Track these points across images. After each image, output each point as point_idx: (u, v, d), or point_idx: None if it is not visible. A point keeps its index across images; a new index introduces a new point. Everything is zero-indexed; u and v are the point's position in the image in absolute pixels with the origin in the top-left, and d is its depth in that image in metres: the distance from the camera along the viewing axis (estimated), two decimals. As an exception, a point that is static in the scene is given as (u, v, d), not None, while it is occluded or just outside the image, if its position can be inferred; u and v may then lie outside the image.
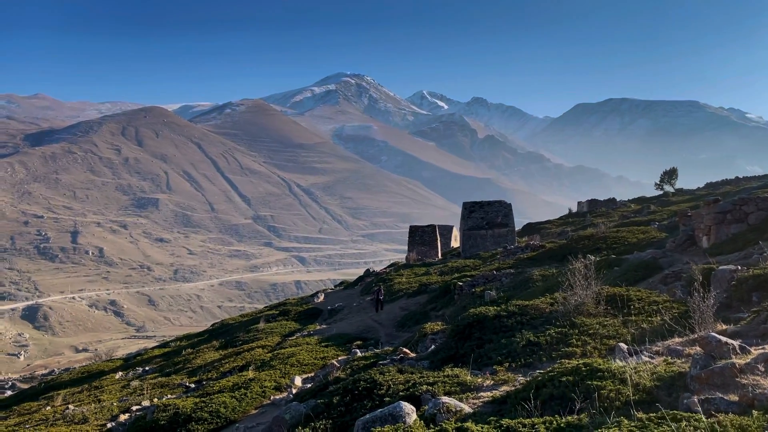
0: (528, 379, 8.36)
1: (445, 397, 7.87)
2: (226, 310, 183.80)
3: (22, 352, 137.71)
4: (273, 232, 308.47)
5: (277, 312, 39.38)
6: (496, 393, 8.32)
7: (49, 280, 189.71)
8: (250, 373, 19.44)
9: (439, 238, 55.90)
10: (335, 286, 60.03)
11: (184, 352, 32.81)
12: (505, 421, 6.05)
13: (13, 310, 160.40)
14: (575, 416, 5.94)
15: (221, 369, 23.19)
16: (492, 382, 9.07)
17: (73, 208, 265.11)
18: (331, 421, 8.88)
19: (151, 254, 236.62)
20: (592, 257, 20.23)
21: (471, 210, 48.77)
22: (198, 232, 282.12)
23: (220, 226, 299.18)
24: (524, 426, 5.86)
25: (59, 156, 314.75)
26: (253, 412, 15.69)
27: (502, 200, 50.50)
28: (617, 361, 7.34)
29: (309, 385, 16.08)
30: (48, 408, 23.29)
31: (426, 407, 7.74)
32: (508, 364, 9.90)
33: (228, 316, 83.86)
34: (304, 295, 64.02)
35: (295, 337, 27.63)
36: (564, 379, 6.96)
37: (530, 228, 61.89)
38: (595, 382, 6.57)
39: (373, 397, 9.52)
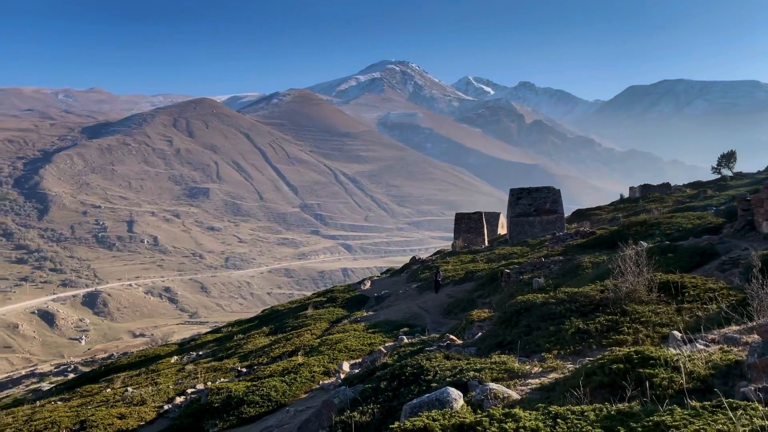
0: (577, 366, 8.24)
1: (493, 384, 7.85)
2: (275, 296, 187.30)
3: (83, 336, 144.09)
4: (320, 220, 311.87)
5: (325, 299, 39.90)
6: (545, 380, 8.25)
7: (107, 267, 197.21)
8: (300, 358, 19.80)
9: (485, 225, 55.39)
10: (381, 274, 60.35)
11: (235, 338, 33.63)
12: (553, 408, 6.00)
13: (74, 296, 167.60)
14: (626, 404, 5.84)
15: (271, 354, 23.69)
16: (540, 369, 8.99)
17: (128, 198, 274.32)
18: (378, 406, 8.98)
19: (203, 242, 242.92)
20: (645, 243, 19.70)
21: (518, 196, 48.12)
22: (247, 221, 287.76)
23: (269, 214, 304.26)
24: (573, 413, 5.80)
25: (115, 148, 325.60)
26: (303, 396, 16.00)
27: (550, 186, 49.61)
28: (670, 349, 7.17)
29: (357, 371, 16.27)
30: (108, 390, 24.28)
31: (473, 393, 7.74)
32: (556, 351, 9.78)
33: (277, 303, 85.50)
34: (350, 283, 64.62)
35: (342, 324, 27.94)
36: (614, 366, 6.84)
37: (580, 214, 60.65)
38: (647, 370, 6.43)
39: (420, 382, 9.57)
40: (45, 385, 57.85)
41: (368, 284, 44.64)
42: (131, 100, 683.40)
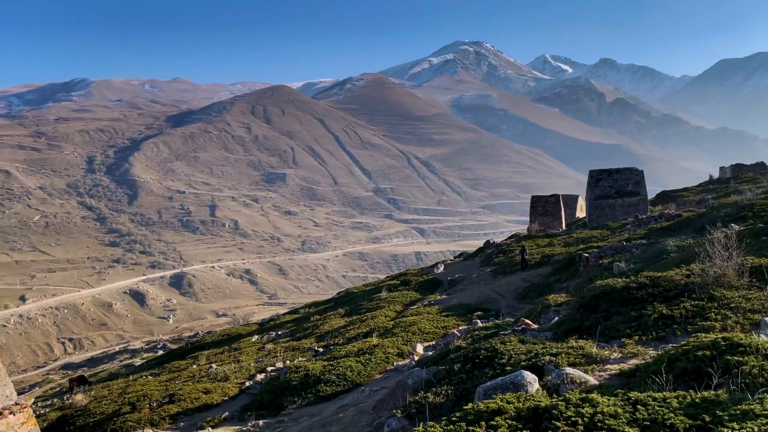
0: (659, 352, 7.94)
1: (569, 368, 7.70)
2: (350, 279, 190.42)
3: (171, 315, 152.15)
4: (393, 204, 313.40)
5: (399, 282, 40.16)
6: (624, 366, 8.01)
7: (192, 250, 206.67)
8: (374, 340, 20.10)
9: (563, 208, 53.90)
10: (455, 258, 60.04)
11: (312, 319, 34.51)
12: (633, 394, 5.83)
13: (162, 277, 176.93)
14: (712, 392, 5.59)
15: (347, 335, 24.17)
16: (620, 355, 8.73)
17: (210, 184, 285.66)
18: (452, 387, 9.01)
19: (280, 226, 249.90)
20: (736, 226, 18.61)
21: (598, 178, 46.46)
22: (322, 205, 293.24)
23: (343, 199, 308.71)
24: (655, 400, 5.61)
25: (197, 135, 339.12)
26: (378, 376, 16.27)
27: (633, 167, 47.57)
28: (762, 336, 6.77)
29: (430, 353, 16.36)
30: (194, 366, 25.55)
31: (549, 377, 7.63)
32: (637, 337, 9.46)
33: (352, 285, 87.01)
34: (423, 266, 64.73)
35: (416, 307, 28.08)
36: (700, 353, 6.54)
37: (665, 196, 57.91)
38: (736, 358, 6.12)
39: (494, 365, 9.52)
40: (137, 361, 61.68)
41: (441, 268, 44.56)
42: (211, 89, 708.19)
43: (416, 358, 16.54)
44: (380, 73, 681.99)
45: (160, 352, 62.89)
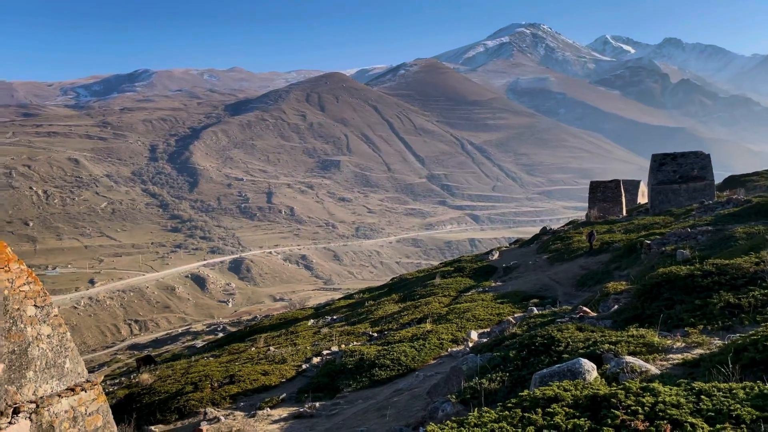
0: (725, 342, 7.64)
1: (629, 357, 7.51)
2: (404, 265, 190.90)
3: (230, 299, 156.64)
4: (447, 190, 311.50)
5: (452, 269, 40.03)
6: (688, 356, 7.75)
7: (250, 236, 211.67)
8: (428, 326, 20.15)
9: (623, 194, 52.33)
10: (510, 245, 59.32)
11: (366, 304, 34.85)
12: (697, 384, 5.64)
13: (221, 262, 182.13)
14: (783, 384, 5.35)
15: (401, 320, 24.31)
16: (683, 344, 8.45)
17: (267, 171, 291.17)
18: (507, 374, 8.95)
19: (335, 213, 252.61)
20: (811, 212, 17.63)
21: (661, 162, 44.82)
22: (376, 192, 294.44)
23: (396, 185, 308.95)
24: (720, 390, 5.41)
25: (254, 123, 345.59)
26: (431, 362, 16.32)
27: (698, 151, 45.69)
28: (840, 327, 6.41)
29: (485, 340, 16.28)
30: (253, 349, 26.26)
31: (608, 366, 7.47)
32: (702, 326, 9.13)
33: (405, 272, 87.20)
34: (478, 253, 64.18)
35: (470, 293, 27.95)
36: (770, 344, 6.26)
37: (732, 181, 55.36)
38: (810, 349, 5.82)
39: (551, 353, 9.39)
40: (198, 343, 63.88)
41: (496, 255, 44.10)
42: (267, 77, 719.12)
43: (470, 345, 16.49)
44: (434, 58, 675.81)
45: (220, 335, 64.89)
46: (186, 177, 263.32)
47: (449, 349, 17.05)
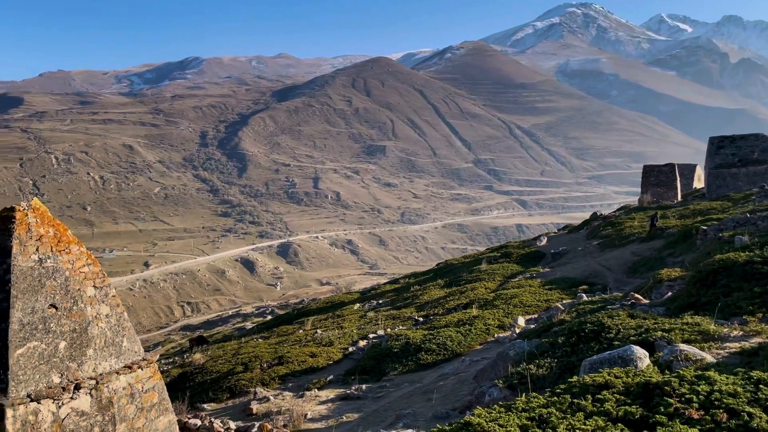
0: (787, 332, 7.34)
1: (683, 345, 7.30)
2: (449, 251, 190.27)
3: (278, 282, 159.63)
4: (493, 175, 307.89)
5: (499, 254, 39.64)
6: (746, 344, 7.48)
7: (297, 221, 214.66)
8: (474, 311, 20.06)
9: (678, 178, 50.62)
10: (558, 230, 58.30)
11: (412, 289, 34.92)
12: (755, 374, 5.44)
13: (270, 246, 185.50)
14: None
15: (446, 306, 24.27)
16: (740, 332, 8.16)
17: (313, 157, 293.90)
18: (555, 360, 8.84)
19: (380, 198, 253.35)
20: None
21: (719, 145, 43.11)
22: (422, 177, 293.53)
23: (442, 170, 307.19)
24: (781, 381, 5.21)
25: (301, 109, 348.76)
26: (478, 347, 16.26)
27: (759, 133, 43.72)
28: None
29: (532, 326, 16.11)
30: (300, 331, 26.72)
31: (660, 354, 7.28)
32: (761, 314, 8.79)
33: (451, 257, 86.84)
34: (525, 239, 63.31)
35: (517, 279, 27.66)
36: (836, 334, 5.97)
37: (796, 165, 52.74)
38: None
39: (601, 339, 9.22)
40: (248, 324, 65.38)
41: (544, 240, 43.42)
42: (314, 63, 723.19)
43: (517, 331, 16.35)
44: (481, 41, 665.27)
45: (269, 317, 66.24)
46: (235, 163, 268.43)
47: (495, 335, 16.95)
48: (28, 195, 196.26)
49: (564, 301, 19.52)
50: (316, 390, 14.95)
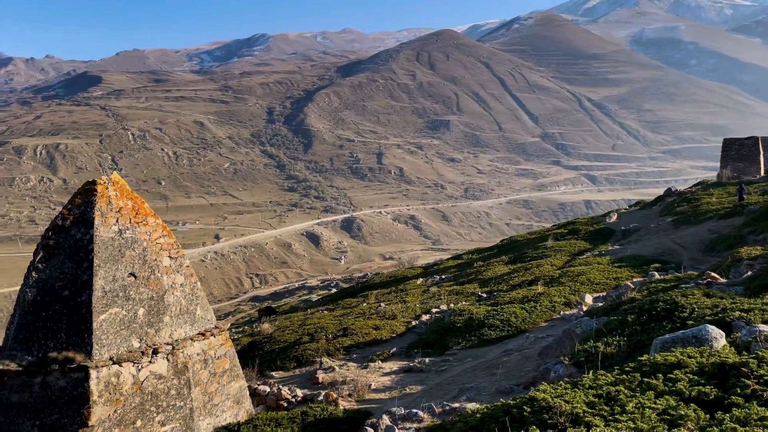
0: None
1: (763, 325, 6.95)
2: (514, 227, 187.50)
3: (342, 256, 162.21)
4: (561, 149, 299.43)
5: (566, 231, 38.76)
6: (834, 328, 7.03)
7: (360, 196, 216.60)
8: (539, 288, 19.76)
9: (761, 152, 47.74)
10: (630, 207, 56.31)
11: (475, 265, 34.72)
12: None
13: (334, 221, 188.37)
14: None
15: (510, 282, 24.02)
16: (828, 315, 7.68)
17: (377, 132, 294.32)
18: (624, 339, 8.61)
19: (443, 173, 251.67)
20: None
21: (808, 117, 40.26)
22: (486, 152, 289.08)
23: (507, 145, 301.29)
24: None
25: (365, 85, 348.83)
26: (542, 324, 16.05)
27: None
28: None
29: (600, 304, 15.73)
30: (364, 304, 27.15)
31: (738, 334, 6.97)
32: None
33: (515, 234, 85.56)
34: (594, 215, 61.51)
35: (584, 256, 27.02)
36: None
37: None
38: None
39: (674, 319, 8.90)
40: (313, 297, 66.92)
41: (614, 217, 42.09)
42: (378, 37, 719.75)
43: (584, 309, 16.01)
44: (550, 11, 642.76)
45: (334, 290, 67.50)
46: (301, 138, 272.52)
47: (561, 312, 16.67)
48: (107, 170, 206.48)
49: (634, 280, 18.93)
50: (379, 362, 15.19)
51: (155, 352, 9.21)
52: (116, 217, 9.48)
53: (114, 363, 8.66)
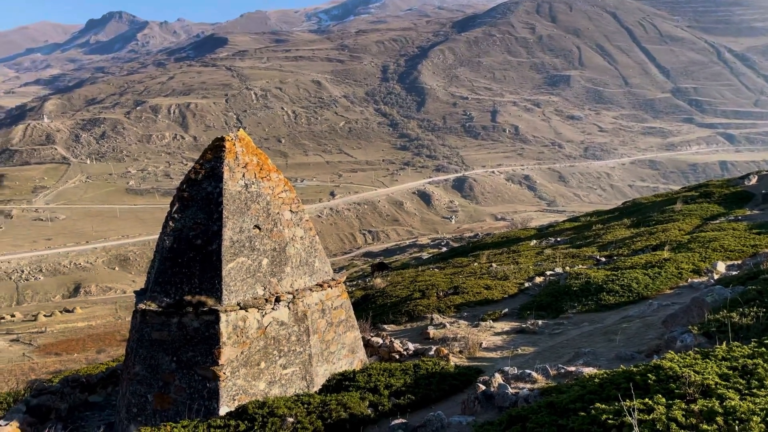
0: None
1: None
2: (637, 189, 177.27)
3: (453, 216, 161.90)
4: (695, 106, 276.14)
5: (697, 194, 36.00)
6: None
7: (473, 155, 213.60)
8: (665, 253, 18.62)
9: None
10: (773, 168, 51.13)
11: (593, 228, 33.30)
12: None
13: (445, 180, 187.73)
14: None
15: (632, 246, 22.82)
16: None
17: (492, 89, 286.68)
18: (763, 310, 7.91)
19: (562, 132, 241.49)
20: None
21: None
22: (609, 109, 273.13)
23: (634, 101, 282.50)
24: None
25: (481, 40, 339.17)
26: (667, 291, 15.17)
27: None
28: None
29: (734, 272, 14.58)
30: (475, 264, 27.00)
31: None
32: None
33: (639, 196, 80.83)
34: (730, 177, 56.59)
35: (717, 222, 25.04)
36: None
37: None
38: None
39: (824, 292, 8.04)
40: (424, 255, 67.66)
41: (754, 179, 38.40)
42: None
43: (716, 277, 14.91)
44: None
45: (444, 249, 67.82)
46: (414, 97, 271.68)
47: (689, 280, 15.63)
48: (232, 128, 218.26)
49: (775, 248, 17.31)
50: (490, 321, 15.12)
51: (277, 300, 9.76)
52: (242, 172, 10.02)
53: (241, 308, 9.30)
